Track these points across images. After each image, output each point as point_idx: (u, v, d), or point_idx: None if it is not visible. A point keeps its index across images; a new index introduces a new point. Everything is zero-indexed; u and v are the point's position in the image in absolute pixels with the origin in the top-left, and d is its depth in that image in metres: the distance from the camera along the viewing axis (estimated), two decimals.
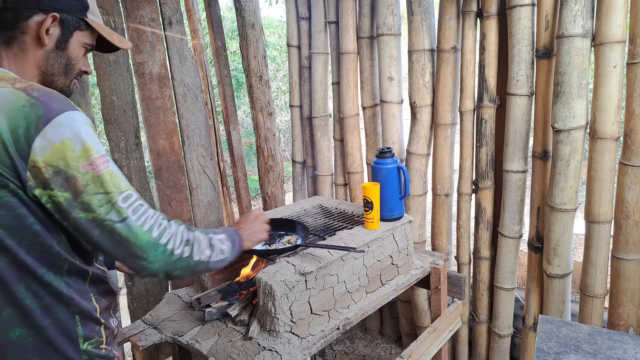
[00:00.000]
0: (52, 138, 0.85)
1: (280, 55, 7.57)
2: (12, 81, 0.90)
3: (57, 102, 0.88)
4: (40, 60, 0.99)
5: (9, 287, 0.89)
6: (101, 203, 0.89)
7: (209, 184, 2.46)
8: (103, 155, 0.91)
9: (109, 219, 0.90)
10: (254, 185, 5.68)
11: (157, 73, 2.24)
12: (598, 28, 1.70)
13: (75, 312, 0.96)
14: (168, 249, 0.96)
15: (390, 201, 1.83)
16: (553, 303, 1.97)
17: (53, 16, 0.97)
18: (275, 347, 1.39)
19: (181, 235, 1.00)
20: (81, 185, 0.87)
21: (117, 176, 0.92)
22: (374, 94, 2.51)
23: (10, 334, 0.90)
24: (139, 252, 0.93)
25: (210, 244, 1.07)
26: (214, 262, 1.08)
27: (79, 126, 0.88)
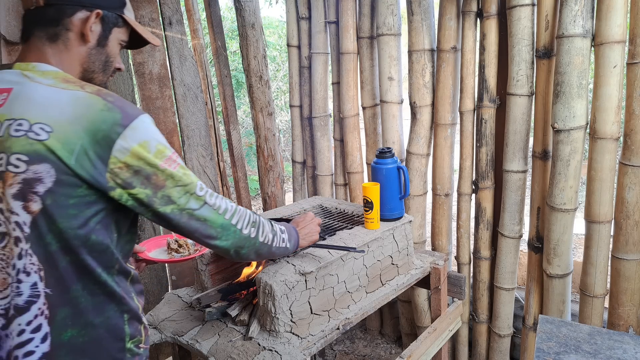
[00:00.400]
0: (131, 141, 0.89)
1: (280, 55, 7.57)
2: (79, 84, 0.92)
3: (130, 107, 0.93)
4: (83, 57, 1.00)
5: (67, 286, 0.90)
6: (180, 194, 0.96)
7: (209, 184, 2.46)
8: (174, 152, 0.97)
9: (189, 207, 0.98)
10: (254, 185, 5.68)
11: (157, 73, 2.24)
12: (598, 28, 1.70)
13: (125, 311, 0.98)
14: (238, 228, 1.07)
15: (390, 201, 1.83)
16: (553, 303, 1.97)
17: (97, 13, 0.98)
18: (275, 347, 1.39)
19: (248, 217, 1.11)
20: (161, 181, 0.94)
21: (188, 170, 1.00)
22: (374, 94, 2.51)
23: (63, 335, 0.91)
24: (215, 233, 1.03)
25: (272, 229, 1.19)
26: (276, 247, 1.20)
27: (151, 128, 0.94)
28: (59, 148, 0.85)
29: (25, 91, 0.89)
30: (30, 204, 0.85)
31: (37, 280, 0.88)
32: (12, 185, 0.85)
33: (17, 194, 0.85)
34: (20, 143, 0.85)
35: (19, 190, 0.85)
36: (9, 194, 0.85)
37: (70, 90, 0.89)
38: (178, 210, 0.97)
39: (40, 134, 0.85)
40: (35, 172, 0.85)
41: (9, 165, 0.85)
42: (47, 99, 0.88)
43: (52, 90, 0.89)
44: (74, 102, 0.88)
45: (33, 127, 0.85)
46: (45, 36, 0.97)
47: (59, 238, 0.88)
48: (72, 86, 0.91)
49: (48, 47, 0.97)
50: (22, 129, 0.85)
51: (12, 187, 0.85)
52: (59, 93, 0.89)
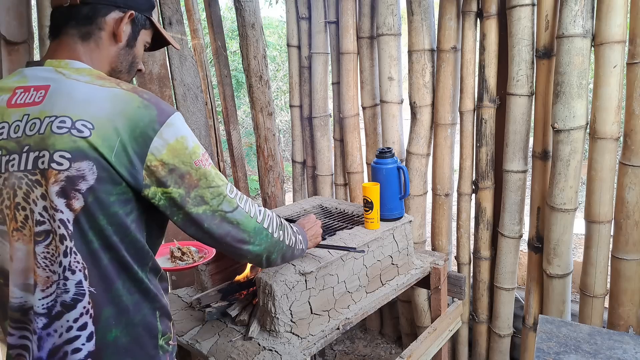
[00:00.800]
0: (168, 138, 0.89)
1: (280, 55, 7.57)
2: (115, 81, 0.92)
3: (164, 104, 0.93)
4: (113, 57, 1.01)
5: (109, 284, 0.90)
6: (213, 195, 0.95)
7: None
8: (205, 152, 0.96)
9: (221, 209, 0.97)
10: (254, 185, 5.68)
11: (157, 73, 2.24)
12: (598, 28, 1.70)
13: (157, 308, 0.98)
14: (269, 232, 1.07)
15: (390, 201, 1.83)
16: (553, 303, 1.97)
17: (131, 14, 1.00)
18: (275, 347, 1.39)
19: (276, 220, 1.10)
20: (195, 180, 0.93)
21: (218, 171, 0.99)
22: (374, 94, 2.51)
23: (108, 335, 0.91)
24: (247, 237, 1.02)
25: (293, 232, 1.19)
26: (297, 250, 1.20)
27: (185, 126, 0.94)
28: (100, 144, 0.84)
29: (63, 88, 0.89)
30: (73, 202, 0.85)
31: (81, 279, 0.88)
32: (56, 182, 0.84)
33: (60, 191, 0.85)
34: (63, 140, 0.84)
35: (62, 187, 0.85)
36: (53, 191, 0.85)
37: (108, 88, 0.90)
38: (210, 211, 0.96)
39: (84, 131, 0.84)
40: (78, 170, 0.84)
41: (52, 162, 0.84)
42: (86, 96, 0.88)
43: (91, 87, 0.89)
44: (112, 99, 0.88)
45: (76, 124, 0.85)
46: (77, 34, 0.97)
47: (100, 235, 0.88)
48: (109, 83, 0.91)
49: (80, 45, 0.97)
50: (65, 126, 0.85)
51: (55, 184, 0.84)
52: (98, 90, 0.89)
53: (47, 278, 0.88)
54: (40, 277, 0.88)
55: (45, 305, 0.89)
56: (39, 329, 0.89)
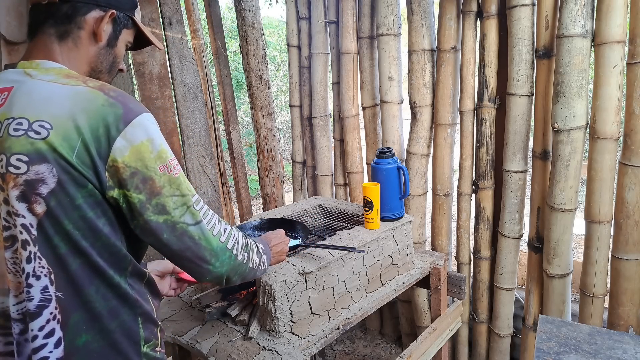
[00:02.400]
0: (132, 139, 0.85)
1: (280, 55, 7.57)
2: (82, 79, 0.89)
3: (133, 103, 0.89)
4: (92, 57, 0.98)
5: (79, 290, 0.88)
6: (176, 205, 0.89)
7: (209, 184, 2.46)
8: (174, 158, 0.91)
9: (183, 222, 0.90)
10: (254, 185, 5.68)
11: (157, 73, 2.24)
12: (598, 28, 1.70)
13: (138, 314, 0.95)
14: (233, 253, 0.98)
15: (390, 201, 1.83)
16: (553, 303, 1.97)
17: (112, 13, 0.97)
18: (275, 347, 1.39)
19: (241, 241, 1.02)
20: (158, 187, 0.87)
21: (187, 180, 0.93)
22: (374, 94, 2.51)
23: (77, 340, 0.88)
24: (208, 256, 0.94)
25: (258, 252, 1.09)
26: (259, 271, 1.10)
27: (154, 128, 0.89)
28: (60, 144, 0.82)
29: (24, 89, 0.87)
30: (35, 206, 0.83)
31: (47, 284, 0.85)
32: (15, 187, 0.82)
33: (20, 195, 0.82)
34: (20, 143, 0.82)
35: (22, 192, 0.82)
36: (13, 196, 0.83)
37: (71, 86, 0.86)
38: (171, 222, 0.89)
39: (41, 132, 0.82)
40: (37, 173, 0.82)
41: (9, 166, 0.82)
42: (46, 95, 0.85)
43: (52, 86, 0.86)
44: (74, 97, 0.85)
45: (33, 125, 0.82)
46: (55, 33, 0.94)
47: (67, 240, 0.85)
48: (74, 81, 0.88)
49: (56, 45, 0.94)
50: (21, 128, 0.82)
51: (15, 189, 0.82)
52: (59, 89, 0.86)
53: (18, 284, 0.87)
54: (12, 282, 0.87)
55: (19, 311, 0.88)
56: (16, 334, 0.88)
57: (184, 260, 0.94)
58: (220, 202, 2.54)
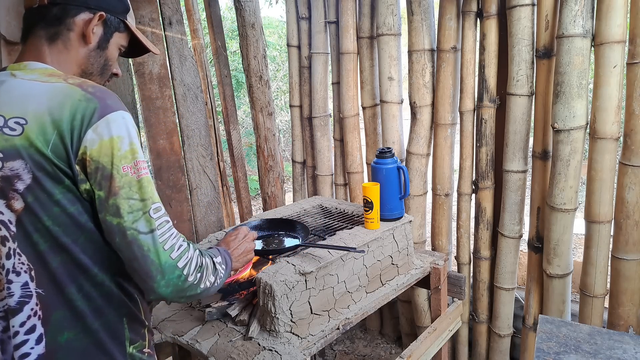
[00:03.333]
0: (102, 133, 0.84)
1: (280, 55, 7.57)
2: (64, 77, 0.90)
3: (111, 99, 0.88)
4: (82, 59, 0.98)
5: (61, 287, 0.87)
6: (131, 209, 0.85)
7: (209, 184, 2.46)
8: (144, 160, 0.89)
9: (135, 228, 0.85)
10: (254, 185, 5.68)
11: (157, 73, 2.24)
12: (598, 28, 1.70)
13: (124, 314, 0.95)
14: (184, 274, 0.91)
15: (390, 201, 1.83)
16: (553, 303, 1.97)
17: (100, 15, 0.97)
18: (275, 347, 1.39)
19: (196, 260, 0.95)
20: (116, 187, 0.85)
21: (153, 185, 0.90)
22: (374, 94, 2.51)
23: (59, 337, 0.88)
24: (154, 272, 0.87)
25: (214, 269, 1.02)
26: (213, 288, 1.02)
27: (129, 127, 0.88)
28: (35, 138, 0.82)
29: (5, 88, 0.88)
30: (13, 202, 0.83)
31: (27, 280, 0.86)
32: None
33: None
34: None
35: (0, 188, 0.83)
36: None
37: (51, 83, 0.87)
38: (123, 227, 0.85)
39: (16, 129, 0.83)
40: (12, 169, 0.82)
41: None
42: (25, 92, 0.86)
43: (33, 84, 0.87)
44: (52, 93, 0.85)
45: (8, 122, 0.83)
46: (45, 35, 0.95)
47: (47, 237, 0.85)
48: (55, 79, 0.88)
49: (46, 47, 0.95)
50: None
51: None
52: (39, 86, 0.87)
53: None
54: None
55: (2, 309, 0.88)
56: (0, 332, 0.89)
57: (132, 272, 0.89)
58: (220, 202, 2.55)
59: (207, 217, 2.46)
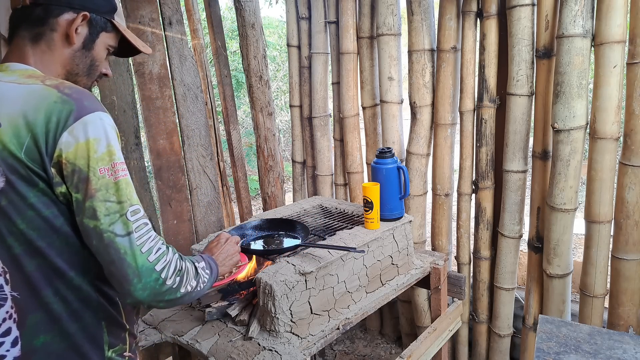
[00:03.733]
0: (79, 135, 0.83)
1: (280, 55, 7.57)
2: (42, 78, 0.89)
3: (89, 101, 0.87)
4: (66, 59, 0.97)
5: (37, 291, 0.87)
6: (108, 212, 0.84)
7: (209, 184, 2.46)
8: (123, 162, 0.88)
9: (111, 231, 0.84)
10: (254, 185, 5.68)
11: (157, 73, 2.24)
12: (598, 28, 1.70)
13: (103, 318, 0.94)
14: (162, 277, 0.89)
15: (390, 201, 1.83)
16: (553, 303, 1.97)
17: (84, 15, 0.96)
18: (275, 347, 1.39)
19: (175, 264, 0.93)
20: (93, 189, 0.83)
21: (132, 187, 0.89)
22: (374, 94, 2.51)
23: (35, 341, 0.88)
24: (131, 275, 0.85)
25: (196, 274, 1.00)
26: (196, 292, 1.00)
27: (107, 128, 0.86)
28: (9, 141, 0.82)
29: None
30: None
31: (2, 283, 0.85)
32: None
33: None
34: None
35: None
36: None
37: (27, 85, 0.86)
38: (100, 230, 0.84)
39: None
40: None
41: None
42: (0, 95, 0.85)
43: (9, 86, 0.86)
44: (28, 95, 0.84)
45: None
46: (28, 36, 0.94)
47: (21, 240, 0.84)
48: (32, 80, 0.87)
49: (29, 48, 0.94)
50: None
51: None
52: (15, 88, 0.86)
53: None
54: None
55: None
56: None
57: (110, 276, 0.87)
58: (220, 202, 2.54)
59: (207, 217, 2.46)
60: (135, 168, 2.18)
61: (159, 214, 2.32)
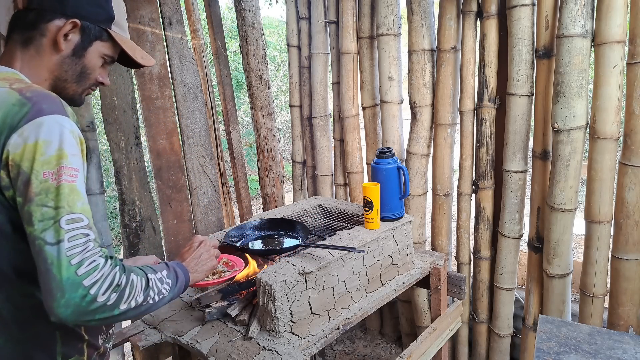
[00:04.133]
0: (28, 136, 0.80)
1: (280, 55, 7.57)
2: (12, 81, 0.88)
3: (48, 103, 0.84)
4: (54, 65, 0.96)
5: None
6: (43, 217, 0.78)
7: (209, 184, 2.46)
8: (75, 168, 0.82)
9: (42, 238, 0.78)
10: (254, 185, 5.68)
11: (157, 73, 2.24)
12: (598, 28, 1.70)
13: (57, 328, 0.91)
14: (90, 293, 0.79)
15: (390, 201, 1.83)
16: (553, 303, 1.97)
17: (73, 22, 0.95)
18: (275, 347, 1.39)
19: (112, 279, 0.83)
20: (32, 193, 0.78)
21: (78, 195, 0.82)
22: (374, 94, 2.51)
23: None
24: (55, 289, 0.77)
25: (146, 287, 0.90)
26: (146, 307, 0.91)
27: (62, 131, 0.82)
28: None
29: None
30: None
31: None
32: None
33: None
34: None
35: None
36: None
37: None
38: (32, 236, 0.78)
39: None
40: None
41: None
42: None
43: None
44: None
45: None
46: (19, 40, 0.95)
47: None
48: (2, 83, 0.87)
49: (19, 51, 0.94)
50: None
51: None
52: None
53: None
54: None
55: None
56: None
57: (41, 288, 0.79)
58: (220, 202, 2.55)
59: (207, 217, 2.46)
60: (135, 168, 2.18)
61: (159, 214, 2.32)
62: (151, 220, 2.24)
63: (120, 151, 2.13)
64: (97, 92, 2.09)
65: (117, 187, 2.15)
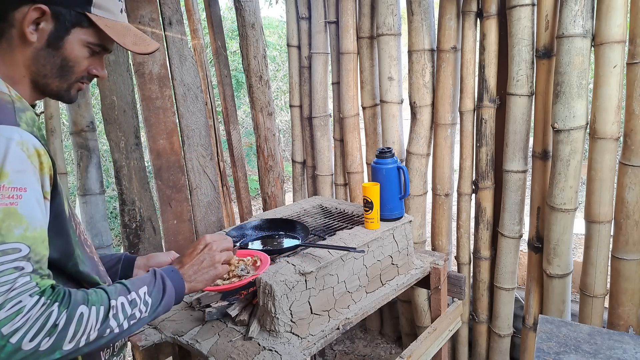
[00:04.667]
0: None
1: (280, 55, 7.57)
2: None
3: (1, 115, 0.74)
4: (29, 60, 0.85)
5: None
6: None
7: (209, 184, 2.46)
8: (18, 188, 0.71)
9: None
10: (254, 185, 5.68)
11: (157, 73, 2.24)
12: (598, 28, 1.70)
13: None
14: (11, 343, 0.67)
15: (390, 201, 1.83)
16: (553, 303, 1.97)
17: (37, 8, 0.82)
18: (275, 347, 1.39)
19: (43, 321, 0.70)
20: None
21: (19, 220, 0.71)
22: (374, 94, 2.51)
23: None
24: None
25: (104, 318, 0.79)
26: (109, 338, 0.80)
27: (7, 145, 0.71)
28: None
29: None
30: None
31: None
32: None
33: None
34: None
35: None
36: None
37: None
38: None
39: None
40: None
41: None
42: None
43: None
44: None
45: None
46: None
47: None
48: None
49: None
50: None
51: None
52: None
53: None
54: None
55: None
56: None
57: None
58: (220, 202, 2.54)
59: (207, 217, 2.46)
60: (135, 168, 2.18)
61: (159, 214, 2.32)
62: (151, 220, 2.24)
63: (120, 151, 2.13)
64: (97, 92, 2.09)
65: (117, 187, 2.15)
